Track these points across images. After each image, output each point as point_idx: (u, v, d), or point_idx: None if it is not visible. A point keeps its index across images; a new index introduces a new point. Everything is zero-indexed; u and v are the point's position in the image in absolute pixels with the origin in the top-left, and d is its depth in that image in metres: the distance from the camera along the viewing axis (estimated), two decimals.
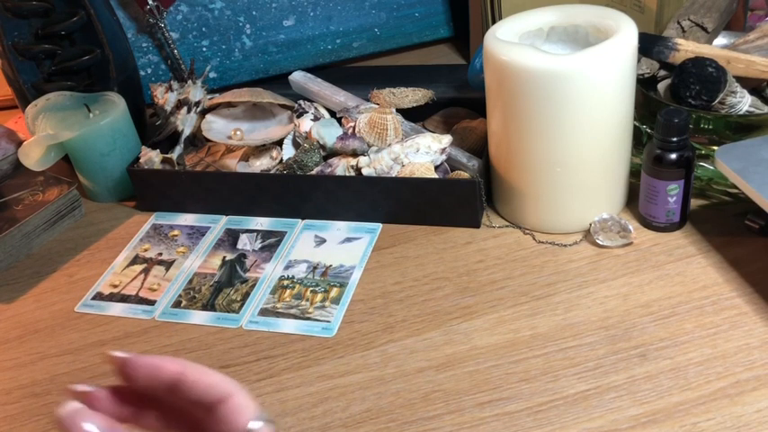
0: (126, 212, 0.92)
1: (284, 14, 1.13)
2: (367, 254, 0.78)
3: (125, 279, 0.80)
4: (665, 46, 0.83)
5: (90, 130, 0.89)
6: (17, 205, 0.88)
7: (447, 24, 1.21)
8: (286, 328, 0.70)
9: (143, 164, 0.89)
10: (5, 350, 0.74)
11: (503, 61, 0.68)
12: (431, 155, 0.81)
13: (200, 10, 1.10)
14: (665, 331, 0.63)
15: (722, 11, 0.89)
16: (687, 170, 0.70)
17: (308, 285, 0.75)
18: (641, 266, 0.70)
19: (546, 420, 0.57)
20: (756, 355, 0.59)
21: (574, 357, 0.62)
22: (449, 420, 0.58)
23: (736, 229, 0.73)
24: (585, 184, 0.73)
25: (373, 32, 1.18)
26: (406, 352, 0.65)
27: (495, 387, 0.60)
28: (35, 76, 0.95)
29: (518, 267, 0.73)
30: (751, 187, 0.64)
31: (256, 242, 0.83)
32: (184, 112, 0.93)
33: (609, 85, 0.68)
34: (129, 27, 1.08)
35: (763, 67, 0.80)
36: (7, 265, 0.85)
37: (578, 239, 0.75)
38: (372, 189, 0.81)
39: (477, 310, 0.69)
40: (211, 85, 1.11)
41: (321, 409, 0.61)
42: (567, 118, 0.68)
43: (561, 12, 0.75)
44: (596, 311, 0.66)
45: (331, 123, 0.89)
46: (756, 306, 0.64)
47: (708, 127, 0.78)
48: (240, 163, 0.91)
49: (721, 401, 0.56)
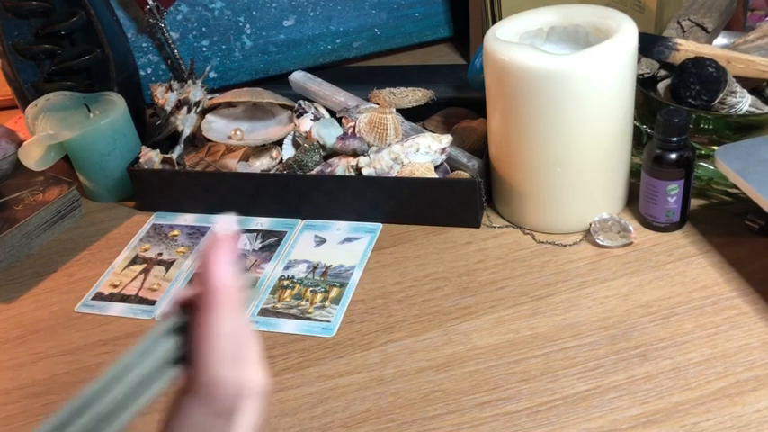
0: (126, 212, 0.92)
1: (284, 14, 1.13)
2: (367, 254, 0.78)
3: (125, 279, 0.80)
4: (665, 46, 0.83)
5: (90, 130, 0.89)
6: (17, 205, 0.88)
7: (447, 24, 1.21)
8: (286, 328, 0.70)
9: (143, 164, 0.89)
10: (5, 350, 0.74)
11: (503, 61, 0.68)
12: (431, 155, 0.81)
13: (200, 10, 1.10)
14: (665, 331, 0.63)
15: (722, 11, 0.89)
16: (687, 170, 0.70)
17: (308, 285, 0.75)
18: (641, 266, 0.70)
19: (546, 420, 0.57)
20: (756, 355, 0.59)
21: (574, 357, 0.62)
22: (449, 420, 0.58)
23: (736, 229, 0.73)
24: (585, 184, 0.73)
25: (373, 32, 1.18)
26: (406, 352, 0.65)
27: (495, 387, 0.60)
28: (35, 76, 0.95)
29: (518, 267, 0.73)
30: (751, 187, 0.64)
31: (256, 242, 0.83)
32: (184, 112, 0.93)
33: (609, 85, 0.68)
34: (129, 27, 1.08)
35: (763, 67, 0.80)
36: (7, 265, 0.85)
37: (578, 239, 0.75)
38: (372, 189, 0.81)
39: (476, 310, 0.69)
40: (211, 85, 1.11)
41: (321, 409, 0.61)
42: (567, 118, 0.68)
43: (561, 12, 0.75)
44: (596, 311, 0.66)
45: (331, 123, 0.89)
46: (756, 306, 0.64)
47: (708, 127, 0.78)
48: (240, 163, 0.91)
49: (721, 401, 0.56)
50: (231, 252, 0.37)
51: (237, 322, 0.36)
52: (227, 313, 0.35)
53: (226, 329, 0.35)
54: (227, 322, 0.35)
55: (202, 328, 0.35)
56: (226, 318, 0.35)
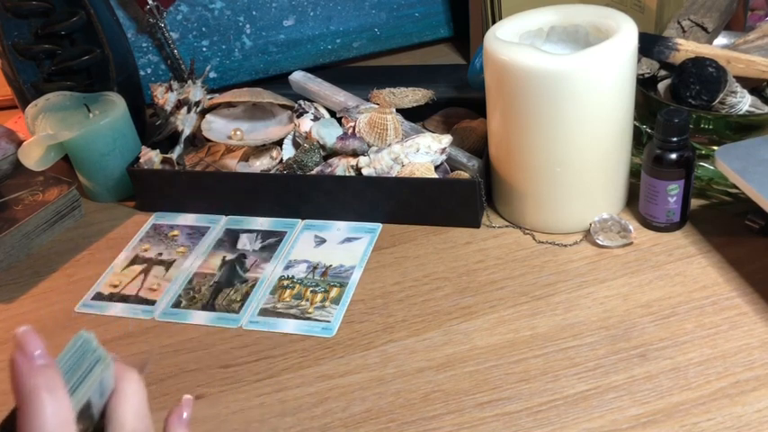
0: (126, 212, 0.92)
1: (284, 14, 1.13)
2: (367, 254, 0.78)
3: (125, 279, 0.80)
4: (665, 46, 0.83)
5: (90, 130, 0.89)
6: (17, 205, 0.88)
7: (447, 24, 1.21)
8: (286, 329, 0.70)
9: (143, 164, 0.89)
10: (5, 350, 0.74)
11: (503, 61, 0.68)
12: (431, 155, 0.81)
13: (200, 10, 1.10)
14: (665, 331, 0.63)
15: (722, 11, 0.89)
16: (687, 170, 0.70)
17: (308, 285, 0.75)
18: (641, 266, 0.70)
19: (546, 420, 0.57)
20: (756, 355, 0.59)
21: (574, 357, 0.62)
22: (449, 420, 0.58)
23: (736, 229, 0.73)
24: (585, 184, 0.73)
25: (373, 32, 1.18)
26: (406, 352, 0.65)
27: (495, 387, 0.60)
28: (35, 76, 0.95)
29: (518, 267, 0.73)
30: (751, 187, 0.64)
31: (256, 242, 0.83)
32: (184, 112, 0.93)
33: (609, 85, 0.68)
34: (129, 27, 1.08)
35: (763, 67, 0.81)
36: (7, 265, 0.85)
37: (578, 239, 0.75)
38: (372, 189, 0.81)
39: (476, 310, 0.69)
40: (211, 85, 1.11)
41: (321, 409, 0.61)
42: (567, 118, 0.68)
43: (561, 12, 0.75)
44: (596, 311, 0.66)
45: (331, 123, 0.89)
46: (756, 306, 0.64)
47: (708, 127, 0.78)
48: (240, 163, 0.91)
49: (721, 401, 0.56)
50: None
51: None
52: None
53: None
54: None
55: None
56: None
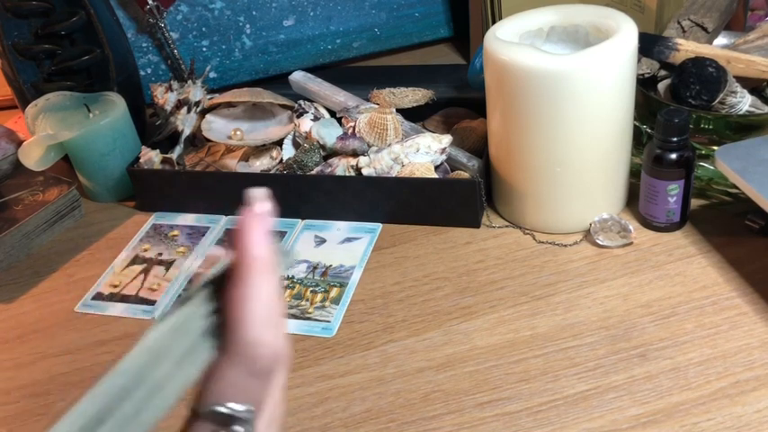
0: (126, 212, 0.92)
1: (284, 14, 1.13)
2: (367, 254, 0.78)
3: (125, 279, 0.80)
4: (665, 46, 0.83)
5: (90, 130, 0.89)
6: (17, 205, 0.88)
7: (447, 24, 1.21)
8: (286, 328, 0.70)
9: (143, 164, 0.89)
10: (5, 350, 0.74)
11: (503, 61, 0.68)
12: (431, 155, 0.81)
13: (200, 10, 1.10)
14: (665, 331, 0.63)
15: (722, 11, 0.89)
16: (687, 170, 0.70)
17: (308, 285, 0.75)
18: (641, 266, 0.70)
19: (546, 420, 0.57)
20: (756, 355, 0.59)
21: (574, 357, 0.62)
22: (449, 420, 0.58)
23: (737, 229, 0.73)
24: (585, 184, 0.73)
25: (373, 32, 1.18)
26: (406, 352, 0.65)
27: (495, 387, 0.60)
28: (35, 76, 0.95)
29: (518, 267, 0.73)
30: (751, 187, 0.64)
31: None
32: (184, 112, 0.93)
33: (609, 85, 0.68)
34: (129, 27, 1.08)
35: (763, 67, 0.80)
36: (7, 265, 0.85)
37: (578, 239, 0.75)
38: (372, 189, 0.81)
39: (476, 310, 0.69)
40: (211, 85, 1.11)
41: (321, 409, 0.61)
42: (567, 118, 0.68)
43: (561, 12, 0.75)
44: (596, 311, 0.66)
45: (331, 123, 0.89)
46: (756, 306, 0.64)
47: (708, 127, 0.78)
48: (240, 163, 0.91)
49: (721, 401, 0.56)
50: (266, 222, 0.39)
51: (272, 289, 0.37)
52: (264, 280, 0.36)
53: (263, 294, 0.36)
54: (264, 288, 0.36)
55: (240, 292, 0.36)
56: (263, 284, 0.36)
